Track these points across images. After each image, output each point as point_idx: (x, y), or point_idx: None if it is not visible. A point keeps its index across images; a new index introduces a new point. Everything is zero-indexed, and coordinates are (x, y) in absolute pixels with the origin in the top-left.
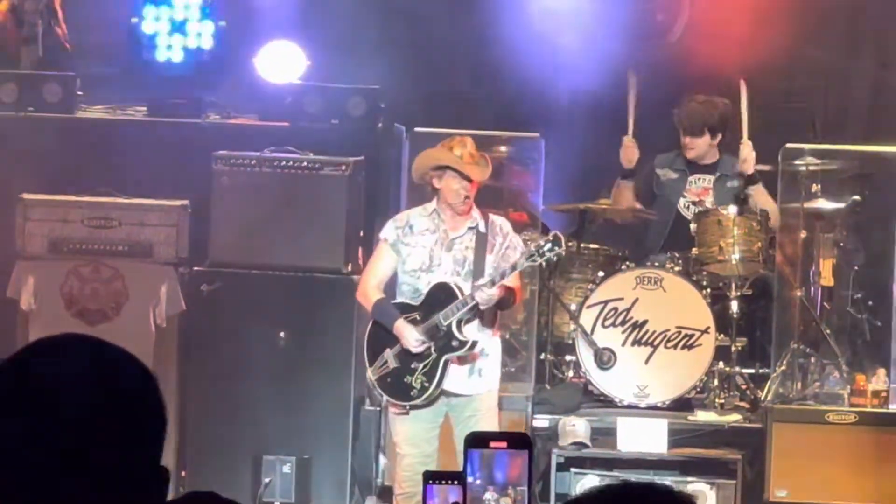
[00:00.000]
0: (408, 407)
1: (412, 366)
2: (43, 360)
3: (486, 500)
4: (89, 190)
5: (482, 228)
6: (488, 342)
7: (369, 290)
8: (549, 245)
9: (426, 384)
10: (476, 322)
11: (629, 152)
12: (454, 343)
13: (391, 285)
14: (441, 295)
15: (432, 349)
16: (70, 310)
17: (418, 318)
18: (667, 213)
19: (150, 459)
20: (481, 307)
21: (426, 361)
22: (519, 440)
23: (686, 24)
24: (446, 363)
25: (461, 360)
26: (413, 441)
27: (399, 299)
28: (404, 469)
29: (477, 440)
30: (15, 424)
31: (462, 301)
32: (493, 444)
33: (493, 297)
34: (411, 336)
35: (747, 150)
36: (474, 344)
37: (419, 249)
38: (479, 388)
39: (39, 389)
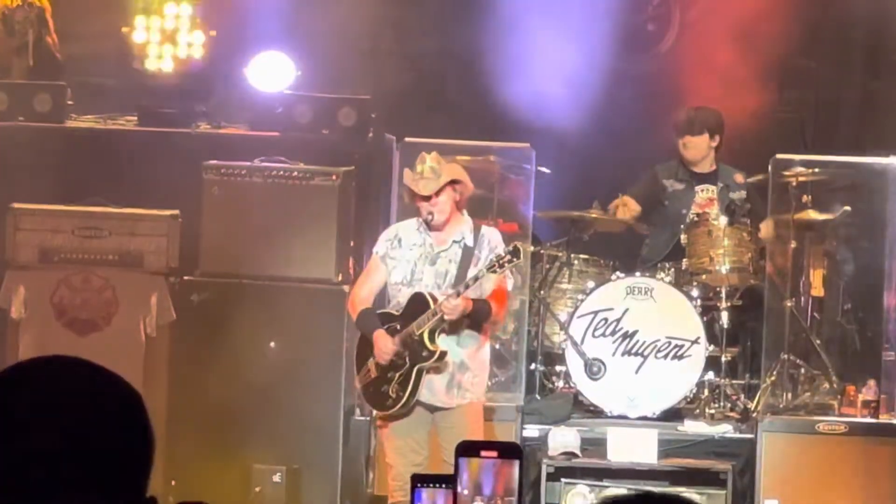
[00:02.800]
0: (387, 418)
1: (388, 375)
2: (31, 382)
3: None
4: (80, 199)
5: (469, 242)
6: (471, 356)
7: (357, 301)
8: (508, 256)
9: (401, 393)
10: (460, 332)
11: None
12: (424, 353)
13: (382, 298)
14: (417, 305)
15: (406, 359)
16: (60, 319)
17: (398, 327)
18: (675, 225)
19: (137, 488)
20: (446, 317)
21: (401, 371)
22: (509, 449)
23: (677, 35)
24: (420, 373)
25: (436, 370)
26: (401, 451)
27: (384, 309)
28: (395, 479)
29: (468, 449)
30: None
31: (432, 311)
32: (483, 453)
33: (457, 307)
34: (384, 346)
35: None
36: (443, 354)
37: (403, 263)
38: (459, 401)
39: (29, 411)
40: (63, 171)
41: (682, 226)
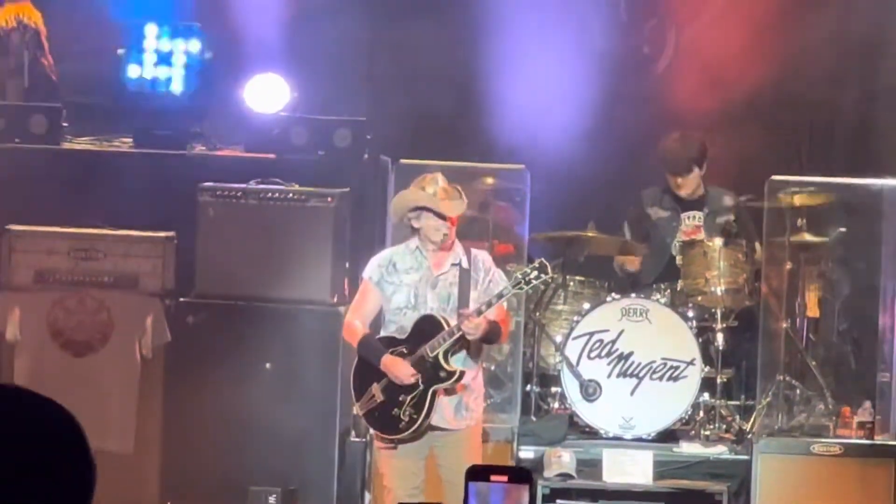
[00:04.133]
0: (395, 441)
1: (400, 398)
2: None
3: None
4: (75, 221)
5: (465, 264)
6: (473, 376)
7: (354, 327)
8: (535, 272)
9: (414, 416)
10: (463, 353)
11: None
12: (441, 374)
13: (376, 323)
14: (426, 327)
15: (420, 381)
16: (56, 341)
17: (405, 351)
18: (661, 253)
19: None
20: (468, 337)
21: (414, 393)
22: (520, 474)
23: (672, 57)
24: (434, 394)
25: (448, 392)
26: (401, 475)
27: (384, 334)
28: (392, 503)
29: (478, 473)
30: None
31: (448, 331)
32: (493, 478)
33: (479, 327)
34: (404, 369)
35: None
36: (462, 374)
37: (404, 288)
38: (467, 423)
39: None
40: (58, 192)
41: (668, 255)
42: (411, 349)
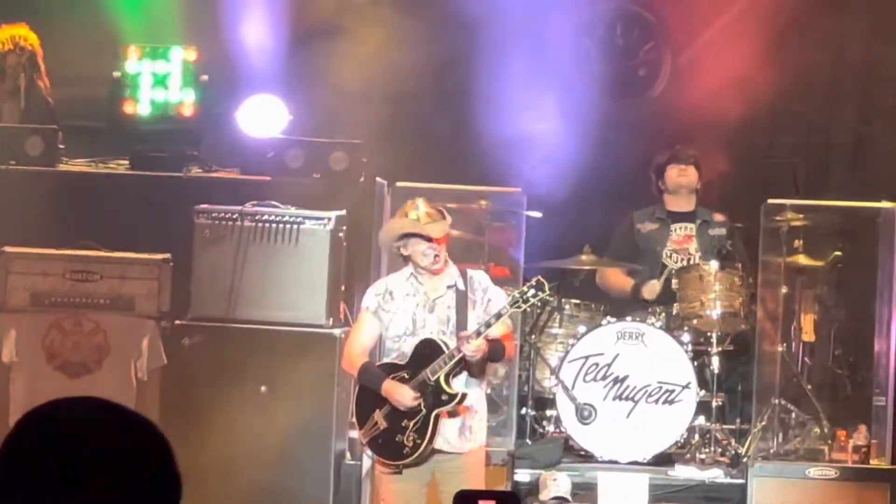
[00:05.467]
0: (400, 467)
1: (402, 424)
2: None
3: None
4: (71, 243)
5: (461, 286)
6: (476, 398)
7: (354, 357)
8: (532, 290)
9: (418, 441)
10: (464, 375)
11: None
12: (444, 397)
13: (375, 353)
14: (427, 351)
15: (422, 405)
16: (52, 363)
17: (406, 376)
18: (653, 265)
19: None
20: (468, 359)
21: (417, 418)
22: (508, 498)
23: (668, 80)
24: (437, 418)
25: (451, 414)
26: (403, 499)
27: (384, 360)
28: None
29: (466, 498)
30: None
31: (449, 354)
32: (481, 503)
33: (479, 349)
34: (404, 394)
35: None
36: (464, 396)
37: (401, 314)
38: (470, 445)
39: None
40: (54, 214)
41: (659, 265)
42: (412, 374)
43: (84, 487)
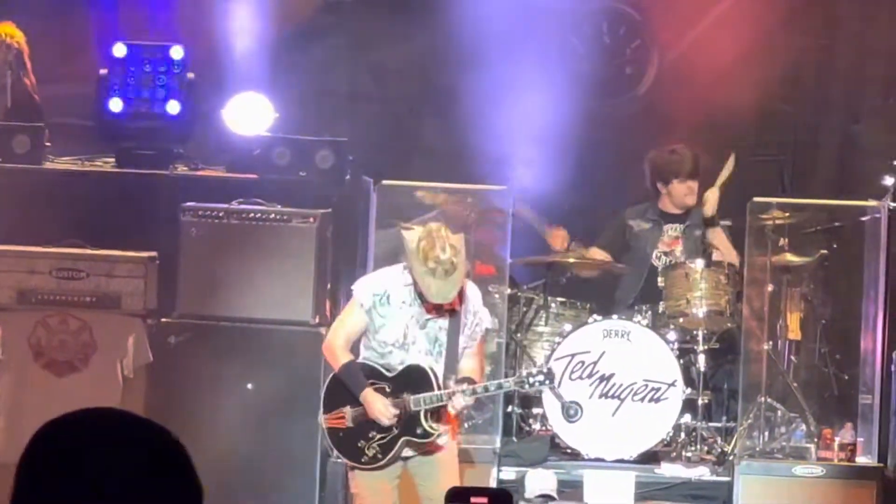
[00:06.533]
0: (353, 468)
1: (369, 434)
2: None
3: None
4: (57, 241)
5: (457, 307)
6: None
7: (337, 348)
8: (540, 377)
9: (379, 456)
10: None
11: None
12: (418, 430)
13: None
14: (415, 376)
15: (395, 427)
16: (38, 361)
17: (387, 389)
18: (641, 264)
19: None
20: (451, 410)
21: (385, 434)
22: (500, 496)
23: (655, 78)
24: (404, 444)
25: (417, 448)
26: (374, 489)
27: (366, 361)
28: None
29: (458, 495)
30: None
31: (437, 395)
32: (474, 500)
33: (466, 407)
34: (384, 409)
35: (713, 196)
36: (438, 437)
37: (394, 323)
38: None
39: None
40: (41, 212)
41: (648, 265)
42: (394, 391)
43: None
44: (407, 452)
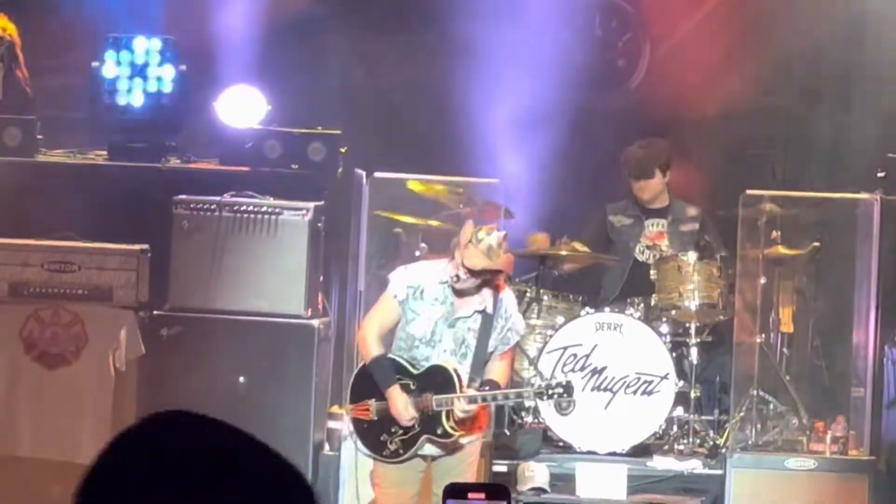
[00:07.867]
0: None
1: (392, 429)
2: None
3: None
4: (49, 234)
5: (490, 310)
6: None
7: (370, 340)
8: (559, 389)
9: (401, 451)
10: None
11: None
12: (439, 430)
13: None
14: (440, 378)
15: (417, 423)
16: (30, 353)
17: (412, 386)
18: (623, 259)
19: None
20: (459, 414)
21: (407, 430)
22: (497, 491)
23: (647, 71)
24: (425, 442)
25: (437, 444)
26: (394, 481)
27: (395, 354)
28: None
29: (455, 491)
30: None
31: (457, 397)
32: (471, 496)
33: (468, 414)
34: (404, 410)
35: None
36: (457, 440)
37: (424, 319)
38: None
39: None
40: (33, 205)
41: (630, 260)
42: (417, 389)
43: None
44: (430, 450)
